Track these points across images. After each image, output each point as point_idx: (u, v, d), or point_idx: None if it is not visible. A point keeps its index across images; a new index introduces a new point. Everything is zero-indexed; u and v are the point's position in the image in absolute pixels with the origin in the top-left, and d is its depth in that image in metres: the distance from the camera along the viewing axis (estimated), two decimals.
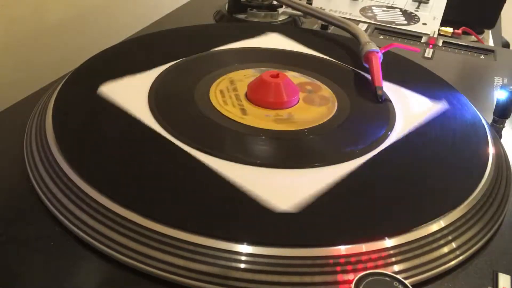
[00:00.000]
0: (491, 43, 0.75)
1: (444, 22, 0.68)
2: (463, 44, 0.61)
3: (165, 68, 0.44)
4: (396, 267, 0.27)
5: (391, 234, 0.28)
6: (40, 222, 0.29)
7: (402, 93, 0.44)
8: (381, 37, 0.62)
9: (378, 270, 0.25)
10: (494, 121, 0.43)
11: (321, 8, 0.65)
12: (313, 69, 0.46)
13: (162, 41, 0.50)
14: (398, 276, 0.24)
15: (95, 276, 0.26)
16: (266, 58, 0.48)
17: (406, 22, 0.67)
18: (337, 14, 0.61)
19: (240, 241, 0.26)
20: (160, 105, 0.38)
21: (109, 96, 0.39)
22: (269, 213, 0.29)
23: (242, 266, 0.26)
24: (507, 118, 0.42)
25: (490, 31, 0.76)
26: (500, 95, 0.42)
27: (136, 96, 0.39)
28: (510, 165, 0.37)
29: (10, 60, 0.57)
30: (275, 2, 0.63)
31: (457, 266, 0.28)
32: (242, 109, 0.38)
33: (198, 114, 0.38)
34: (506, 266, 0.29)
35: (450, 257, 0.28)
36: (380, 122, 0.39)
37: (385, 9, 0.71)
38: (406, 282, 0.24)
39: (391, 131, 0.37)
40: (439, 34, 0.66)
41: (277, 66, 0.46)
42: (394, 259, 0.27)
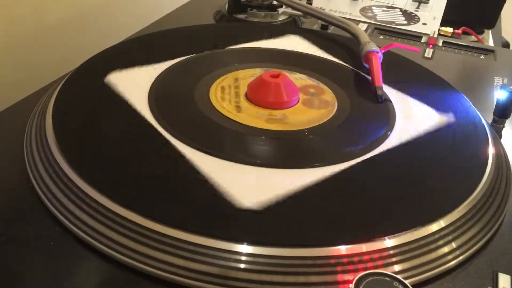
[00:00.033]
0: (491, 43, 0.75)
1: (444, 22, 0.68)
2: (463, 44, 0.61)
3: (174, 62, 0.45)
4: (396, 267, 0.27)
5: (391, 234, 0.28)
6: (40, 222, 0.29)
7: (407, 102, 0.42)
8: (381, 37, 0.62)
9: (378, 270, 0.25)
10: (494, 121, 0.43)
11: (321, 8, 0.65)
12: (313, 69, 0.46)
13: (162, 41, 0.50)
14: (398, 276, 0.24)
15: (95, 276, 0.26)
16: (266, 58, 0.48)
17: (406, 22, 0.67)
18: (337, 14, 0.61)
19: (240, 241, 0.26)
20: (159, 104, 0.38)
21: (115, 85, 0.39)
22: (232, 208, 0.29)
23: (242, 266, 0.26)
24: (507, 118, 0.42)
25: (490, 31, 0.76)
26: (500, 95, 0.42)
27: (138, 90, 0.39)
28: (510, 165, 0.37)
29: (10, 60, 0.57)
30: (275, 2, 0.63)
31: (457, 266, 0.28)
32: (237, 106, 0.39)
33: (194, 108, 0.38)
34: (506, 266, 0.29)
35: (450, 257, 0.28)
36: (380, 122, 0.39)
37: (385, 9, 0.71)
38: (406, 282, 0.24)
39: (391, 131, 0.37)
40: (439, 34, 0.66)
41: (279, 66, 0.46)
42: (394, 259, 0.27)
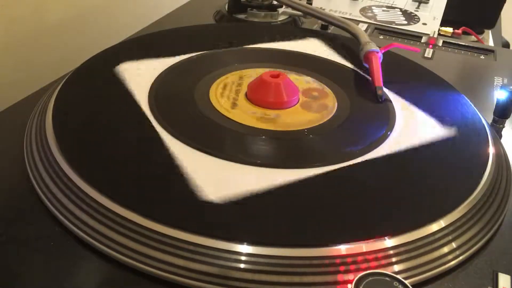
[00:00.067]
0: (491, 43, 0.75)
1: (444, 22, 0.68)
2: (463, 44, 0.61)
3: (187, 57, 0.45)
4: (396, 267, 0.27)
5: (391, 234, 0.28)
6: (40, 222, 0.29)
7: (412, 113, 0.40)
8: (381, 37, 0.62)
9: (378, 270, 0.25)
10: (494, 121, 0.43)
11: (321, 8, 0.65)
12: (313, 69, 0.46)
13: (162, 41, 0.50)
14: (398, 276, 0.24)
15: (95, 276, 0.26)
16: (266, 58, 0.48)
17: (406, 22, 0.67)
18: (337, 14, 0.61)
19: (240, 241, 0.26)
20: (159, 104, 0.38)
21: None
22: (194, 199, 0.29)
23: (242, 266, 0.26)
24: (507, 118, 0.42)
25: (490, 31, 0.76)
26: (500, 95, 0.42)
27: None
28: (510, 165, 0.37)
29: (10, 60, 0.57)
30: (275, 2, 0.63)
31: (457, 266, 0.28)
32: (234, 103, 0.39)
33: (193, 106, 0.38)
34: (506, 266, 0.29)
35: (450, 257, 0.28)
36: (380, 122, 0.39)
37: (385, 9, 0.71)
38: (406, 282, 0.24)
39: (391, 131, 0.37)
40: (439, 34, 0.66)
41: (279, 66, 0.46)
42: (394, 259, 0.27)
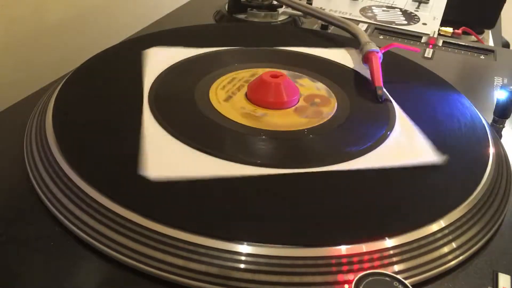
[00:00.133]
0: (491, 43, 0.75)
1: (444, 22, 0.68)
2: (463, 44, 0.61)
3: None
4: (396, 267, 0.27)
5: (391, 234, 0.28)
6: (40, 222, 0.29)
7: (413, 134, 0.38)
8: (381, 37, 0.62)
9: (378, 270, 0.25)
10: (494, 121, 0.43)
11: (321, 8, 0.65)
12: (313, 69, 0.46)
13: (162, 41, 0.50)
14: (398, 276, 0.24)
15: (95, 276, 0.26)
16: (266, 58, 0.48)
17: (406, 22, 0.67)
18: (337, 14, 0.61)
19: (240, 241, 0.26)
20: (159, 103, 0.38)
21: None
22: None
23: (242, 266, 0.26)
24: (507, 118, 0.42)
25: (490, 31, 0.76)
26: (500, 95, 0.42)
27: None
28: (510, 165, 0.37)
29: (10, 60, 0.57)
30: (275, 2, 0.63)
31: (457, 266, 0.28)
32: (229, 96, 0.39)
33: (193, 105, 0.38)
34: (506, 266, 0.29)
35: (450, 257, 0.28)
36: (380, 122, 0.39)
37: (385, 9, 0.71)
38: (406, 282, 0.24)
39: (391, 131, 0.37)
40: (439, 34, 0.66)
41: (279, 66, 0.46)
42: (394, 259, 0.27)
